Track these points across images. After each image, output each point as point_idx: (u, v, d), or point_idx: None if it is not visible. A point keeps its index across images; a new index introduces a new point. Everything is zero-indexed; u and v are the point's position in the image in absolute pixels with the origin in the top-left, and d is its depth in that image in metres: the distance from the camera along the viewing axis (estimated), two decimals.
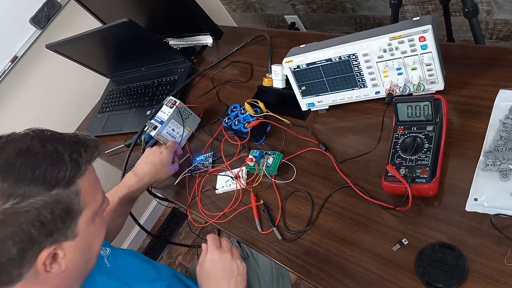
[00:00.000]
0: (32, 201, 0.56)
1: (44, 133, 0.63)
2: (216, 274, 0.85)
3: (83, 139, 0.65)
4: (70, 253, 0.62)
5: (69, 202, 0.60)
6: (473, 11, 1.19)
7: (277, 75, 1.11)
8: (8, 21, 1.69)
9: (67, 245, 0.62)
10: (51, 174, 0.58)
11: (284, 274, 1.20)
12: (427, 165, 0.78)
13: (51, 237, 0.59)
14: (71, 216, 0.61)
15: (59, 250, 0.61)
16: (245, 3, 2.27)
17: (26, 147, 0.59)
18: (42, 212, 0.57)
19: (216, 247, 0.88)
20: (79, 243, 0.63)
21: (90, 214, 0.64)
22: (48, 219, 0.57)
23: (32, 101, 1.84)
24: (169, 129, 1.19)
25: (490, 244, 0.70)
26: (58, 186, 0.58)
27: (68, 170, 0.60)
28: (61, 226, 0.60)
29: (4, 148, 0.59)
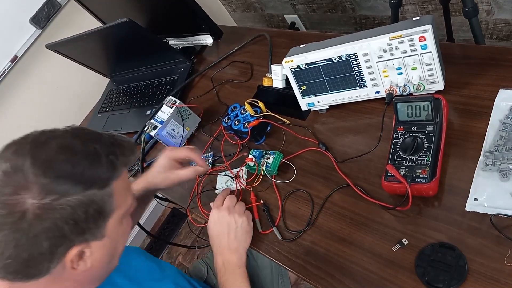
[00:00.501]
0: (68, 199, 0.57)
1: (84, 131, 0.63)
2: (217, 231, 0.93)
3: (120, 141, 0.66)
4: (96, 252, 0.63)
5: (102, 203, 0.61)
6: (473, 11, 1.19)
7: (277, 75, 1.10)
8: (8, 21, 1.69)
9: (94, 244, 0.62)
10: (89, 174, 0.59)
11: (284, 274, 1.20)
12: (427, 165, 0.78)
13: (82, 235, 0.60)
14: (103, 217, 0.62)
15: (87, 249, 0.62)
16: (245, 3, 2.27)
17: (67, 145, 0.60)
18: (77, 210, 0.58)
19: (216, 207, 0.96)
20: (106, 243, 0.64)
21: (119, 215, 0.65)
22: (81, 218, 0.58)
23: (32, 101, 1.84)
24: (169, 129, 1.19)
25: (490, 244, 0.70)
26: (94, 187, 0.59)
27: (105, 172, 0.61)
28: (92, 226, 0.61)
29: (46, 143, 0.59)
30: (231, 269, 0.89)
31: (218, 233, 0.93)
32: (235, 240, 0.91)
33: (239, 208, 0.95)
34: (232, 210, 0.94)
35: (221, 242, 0.92)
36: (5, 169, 0.57)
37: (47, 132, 0.61)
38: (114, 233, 0.65)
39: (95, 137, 0.63)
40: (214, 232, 0.94)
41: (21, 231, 0.56)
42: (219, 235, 0.93)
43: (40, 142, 0.59)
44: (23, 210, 0.55)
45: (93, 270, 0.65)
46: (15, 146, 0.60)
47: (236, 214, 0.93)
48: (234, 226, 0.92)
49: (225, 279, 0.89)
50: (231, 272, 0.89)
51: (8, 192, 0.56)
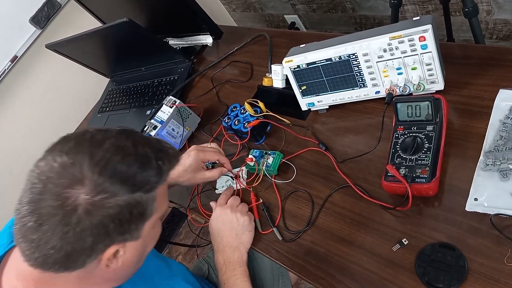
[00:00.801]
0: (118, 198, 0.58)
1: (135, 134, 0.65)
2: (218, 228, 0.94)
3: (166, 147, 0.67)
4: (129, 253, 0.65)
5: (146, 206, 0.62)
6: (473, 11, 1.19)
7: (277, 75, 1.10)
8: (8, 21, 1.69)
9: (129, 244, 0.64)
10: (140, 177, 0.61)
11: (284, 274, 1.20)
12: (427, 165, 0.78)
13: (122, 235, 0.62)
14: (143, 219, 0.63)
15: (122, 248, 0.63)
16: (245, 3, 2.27)
17: (122, 146, 0.61)
18: (123, 211, 0.59)
19: (219, 205, 0.98)
20: (139, 245, 0.66)
21: (155, 219, 0.67)
22: (126, 218, 0.60)
23: (32, 101, 1.84)
24: (169, 128, 1.19)
25: (490, 244, 0.70)
26: (142, 190, 0.61)
27: (154, 176, 0.62)
28: (133, 227, 0.62)
29: (103, 142, 0.61)
30: (232, 267, 0.89)
31: (220, 230, 0.94)
32: (236, 238, 0.92)
33: (242, 207, 0.96)
34: (235, 209, 0.95)
35: (223, 239, 0.93)
36: (63, 162, 0.58)
37: (102, 132, 0.63)
38: (148, 235, 0.67)
39: (145, 141, 0.65)
40: (216, 229, 0.95)
41: (70, 224, 0.57)
42: (221, 233, 0.94)
43: (98, 140, 0.61)
44: (75, 204, 0.57)
45: (122, 270, 0.67)
46: (74, 141, 0.61)
47: (239, 213, 0.94)
48: (236, 224, 0.93)
49: (226, 278, 0.89)
50: (232, 271, 0.89)
51: (63, 184, 0.57)
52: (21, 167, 2.01)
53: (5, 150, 1.79)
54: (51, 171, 0.58)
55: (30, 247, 0.59)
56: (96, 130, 0.63)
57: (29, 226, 0.57)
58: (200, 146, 1.03)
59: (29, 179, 0.59)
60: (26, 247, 0.59)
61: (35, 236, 0.57)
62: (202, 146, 1.04)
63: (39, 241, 0.58)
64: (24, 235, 0.59)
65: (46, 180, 0.58)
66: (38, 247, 0.58)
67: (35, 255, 0.59)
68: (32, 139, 1.83)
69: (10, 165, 1.80)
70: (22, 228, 0.58)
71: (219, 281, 0.91)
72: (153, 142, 0.66)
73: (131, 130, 0.66)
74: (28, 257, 0.60)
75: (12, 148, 1.80)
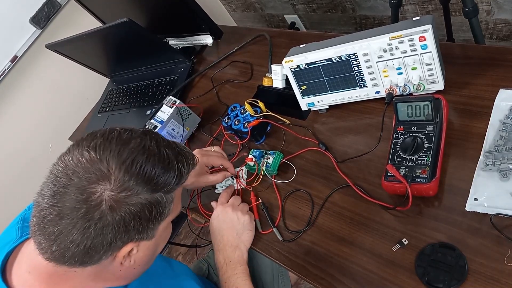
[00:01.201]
0: (141, 197, 0.60)
1: (158, 136, 0.66)
2: (219, 227, 0.95)
3: (184, 150, 0.69)
4: (142, 252, 0.66)
5: (164, 206, 0.64)
6: (473, 11, 1.19)
7: (277, 75, 1.10)
8: (8, 21, 1.69)
9: (143, 243, 0.65)
10: (162, 178, 0.62)
11: (284, 274, 1.20)
12: (427, 165, 0.78)
13: (140, 234, 0.63)
14: (160, 219, 0.65)
15: (136, 247, 0.64)
16: (245, 3, 2.27)
17: (147, 147, 0.63)
18: (144, 209, 0.61)
19: (220, 204, 0.98)
20: (152, 244, 0.67)
21: (169, 220, 0.69)
22: (146, 217, 0.61)
23: (32, 101, 1.84)
24: (169, 129, 1.19)
25: (490, 244, 0.70)
26: (162, 190, 0.63)
27: (174, 178, 0.64)
28: (151, 226, 0.63)
29: (129, 142, 0.62)
30: (232, 266, 0.90)
31: (221, 229, 0.94)
32: (237, 237, 0.92)
33: (242, 206, 0.97)
34: (236, 208, 0.96)
35: (223, 238, 0.93)
36: (90, 157, 0.59)
37: (128, 131, 0.64)
38: (160, 236, 0.68)
39: (167, 143, 0.66)
40: (217, 228, 0.95)
41: (92, 219, 0.58)
42: (222, 231, 0.94)
43: (124, 140, 0.62)
44: (100, 200, 0.58)
45: (133, 268, 0.68)
46: (102, 138, 0.62)
47: (239, 212, 0.94)
48: (237, 223, 0.93)
49: (226, 277, 0.89)
50: (232, 270, 0.89)
51: (90, 179, 0.58)
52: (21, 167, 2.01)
53: (5, 150, 1.79)
54: (78, 165, 0.59)
55: (48, 240, 0.59)
56: (122, 129, 0.64)
57: (49, 218, 0.58)
58: (203, 150, 1.03)
59: (52, 172, 0.60)
60: (44, 239, 0.59)
61: (55, 228, 0.58)
62: (205, 150, 1.04)
63: (59, 234, 0.58)
64: (42, 228, 0.59)
65: (72, 174, 0.59)
66: (56, 240, 0.59)
67: (52, 248, 0.59)
68: (32, 139, 1.83)
69: (10, 165, 1.80)
70: (41, 221, 0.59)
71: (220, 280, 0.91)
72: (173, 145, 0.67)
73: (154, 131, 0.68)
74: (44, 250, 0.60)
75: (12, 148, 1.80)
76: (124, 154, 0.60)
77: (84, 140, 0.62)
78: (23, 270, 0.67)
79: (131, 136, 0.63)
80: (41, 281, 0.64)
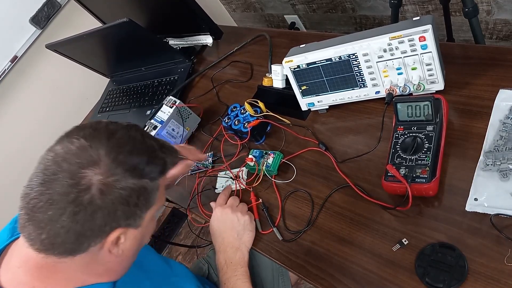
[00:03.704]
0: (128, 181, 0.62)
1: (142, 129, 0.71)
2: (219, 228, 0.95)
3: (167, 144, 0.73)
4: (129, 241, 0.67)
5: (150, 194, 0.66)
6: (473, 11, 1.19)
7: (277, 75, 1.11)
8: (8, 21, 1.69)
9: (130, 232, 0.66)
10: (147, 166, 0.65)
11: (284, 274, 1.20)
12: (427, 165, 0.78)
13: (127, 219, 0.64)
14: (147, 207, 0.67)
15: (123, 235, 0.65)
16: (245, 3, 2.27)
17: (133, 137, 0.66)
18: (132, 194, 0.63)
19: (219, 205, 0.98)
20: (138, 234, 0.68)
21: (154, 211, 0.70)
22: (133, 202, 0.63)
23: (32, 101, 1.84)
24: (169, 129, 1.19)
25: (490, 244, 0.70)
26: (148, 177, 0.65)
27: (158, 166, 0.67)
28: (138, 213, 0.65)
29: (117, 131, 0.65)
30: (233, 267, 0.90)
31: (221, 230, 0.94)
32: (237, 238, 0.92)
33: (242, 207, 0.97)
34: (235, 209, 0.96)
35: (224, 239, 0.93)
36: (81, 144, 0.62)
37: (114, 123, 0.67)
38: (146, 226, 0.69)
39: (149, 135, 0.71)
40: (217, 230, 0.95)
41: (82, 204, 0.59)
42: (222, 233, 0.94)
43: (112, 130, 0.65)
44: (89, 183, 0.59)
45: (121, 259, 0.69)
46: (90, 129, 0.65)
47: (239, 213, 0.95)
48: (237, 224, 0.93)
49: (226, 278, 0.89)
50: (233, 271, 0.89)
51: (80, 164, 0.60)
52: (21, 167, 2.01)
53: (5, 150, 1.79)
54: (68, 152, 0.61)
55: (38, 228, 0.59)
56: (108, 122, 0.67)
57: (39, 206, 0.59)
58: None
59: (41, 162, 0.62)
60: (33, 229, 0.60)
61: (45, 215, 0.59)
62: None
63: (49, 221, 0.59)
64: (31, 217, 0.59)
65: (62, 161, 0.60)
66: (46, 227, 0.59)
67: (42, 236, 0.60)
68: (32, 139, 1.83)
69: (10, 165, 1.80)
70: (30, 210, 0.59)
71: (220, 281, 0.91)
72: (157, 138, 0.72)
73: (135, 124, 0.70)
74: (33, 241, 0.61)
75: (12, 148, 1.80)
76: (112, 142, 0.63)
77: (72, 132, 0.65)
78: (12, 265, 0.67)
79: (118, 128, 0.66)
80: (31, 275, 0.65)
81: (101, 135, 0.64)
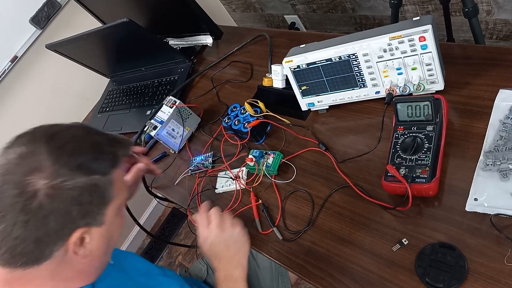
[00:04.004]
0: (76, 181, 0.61)
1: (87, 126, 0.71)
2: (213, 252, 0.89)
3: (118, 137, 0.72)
4: (95, 240, 0.66)
5: (104, 189, 0.65)
6: (473, 11, 1.19)
7: (277, 75, 1.11)
8: (8, 21, 1.69)
9: (94, 231, 0.65)
10: (94, 161, 0.64)
11: (284, 274, 1.20)
12: (427, 165, 0.78)
13: (85, 218, 0.63)
14: (103, 203, 0.66)
15: (87, 235, 0.64)
16: (245, 3, 2.27)
17: (76, 135, 0.66)
18: (83, 192, 0.62)
19: (202, 225, 0.91)
20: (104, 231, 0.67)
21: (117, 206, 0.69)
22: (86, 201, 0.62)
23: (32, 101, 1.84)
24: (169, 129, 1.19)
25: (490, 244, 0.70)
26: (97, 173, 0.64)
27: (107, 160, 0.66)
28: (95, 210, 0.64)
29: (58, 133, 0.65)
30: (233, 280, 0.86)
31: (216, 253, 0.89)
32: (235, 254, 0.87)
33: (228, 219, 0.90)
34: (222, 226, 0.89)
35: (221, 260, 0.88)
36: (20, 153, 0.61)
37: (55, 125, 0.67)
38: (112, 222, 0.68)
39: (96, 131, 0.70)
40: (211, 253, 0.90)
41: (31, 211, 0.58)
42: (217, 255, 0.89)
43: (52, 132, 0.65)
44: (34, 190, 0.58)
45: (92, 259, 0.68)
46: (29, 135, 0.65)
47: (228, 228, 0.89)
48: (230, 241, 0.88)
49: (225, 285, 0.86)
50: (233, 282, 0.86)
51: (22, 173, 0.59)
52: None
53: None
54: (10, 163, 0.60)
55: None
56: (49, 124, 0.67)
57: None
58: None
59: None
60: None
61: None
62: None
63: (3, 234, 0.58)
64: None
65: (5, 173, 0.60)
66: (2, 241, 0.59)
67: (1, 250, 0.59)
68: None
69: None
70: None
71: None
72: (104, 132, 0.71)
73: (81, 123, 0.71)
74: None
75: None
76: (53, 145, 0.62)
77: (12, 141, 0.64)
78: None
79: (58, 129, 0.66)
80: None
81: (40, 139, 0.63)
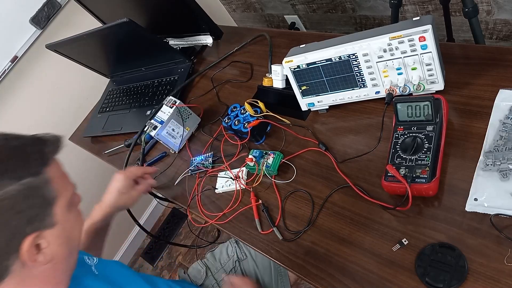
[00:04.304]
0: (6, 190, 0.58)
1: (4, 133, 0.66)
2: None
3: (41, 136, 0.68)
4: (53, 242, 0.64)
5: (41, 190, 0.62)
6: (473, 11, 1.19)
7: (277, 75, 1.10)
8: (8, 21, 1.69)
9: (48, 233, 0.63)
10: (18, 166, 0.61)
11: (283, 274, 1.20)
12: (427, 165, 0.78)
13: (30, 224, 0.61)
14: (46, 203, 0.63)
15: (42, 240, 0.62)
16: (245, 3, 2.27)
17: None
18: (18, 200, 0.59)
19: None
20: (60, 231, 0.65)
21: (65, 202, 0.66)
22: (25, 206, 0.60)
23: (32, 101, 1.84)
24: (169, 129, 1.19)
25: (490, 244, 0.70)
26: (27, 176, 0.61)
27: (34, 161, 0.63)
28: (39, 212, 0.62)
29: None
30: None
31: None
32: None
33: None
34: None
35: None
36: None
37: None
38: (65, 220, 0.66)
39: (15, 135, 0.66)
40: None
41: None
42: None
43: None
44: None
45: (56, 263, 0.65)
46: None
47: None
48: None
49: None
50: None
51: None
52: None
53: None
54: None
55: None
56: None
57: None
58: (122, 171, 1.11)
59: None
60: None
61: None
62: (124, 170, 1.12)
63: None
64: None
65: None
66: None
67: None
68: None
69: None
70: None
71: None
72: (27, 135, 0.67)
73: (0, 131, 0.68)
74: None
75: None
76: None
77: None
78: None
79: None
80: None
81: None
